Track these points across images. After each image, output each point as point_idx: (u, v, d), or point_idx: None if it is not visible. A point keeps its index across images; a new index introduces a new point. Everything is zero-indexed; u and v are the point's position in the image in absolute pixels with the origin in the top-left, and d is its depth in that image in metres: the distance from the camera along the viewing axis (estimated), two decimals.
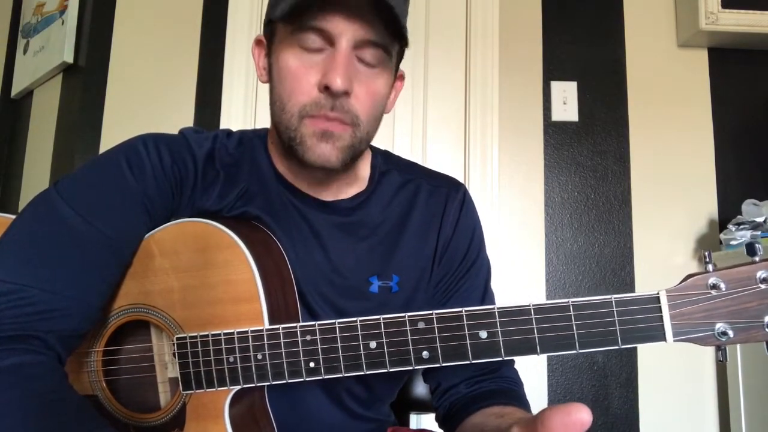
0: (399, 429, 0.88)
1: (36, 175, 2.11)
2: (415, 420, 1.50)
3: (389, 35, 0.69)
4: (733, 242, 1.69)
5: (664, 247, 1.87)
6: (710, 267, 0.58)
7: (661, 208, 1.89)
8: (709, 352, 1.82)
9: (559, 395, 1.80)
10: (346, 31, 0.67)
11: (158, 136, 0.74)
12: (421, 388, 1.10)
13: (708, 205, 1.89)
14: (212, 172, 0.75)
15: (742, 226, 1.69)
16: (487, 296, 0.85)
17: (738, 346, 1.65)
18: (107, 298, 0.68)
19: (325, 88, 0.67)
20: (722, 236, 1.74)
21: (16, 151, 2.26)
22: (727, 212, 1.84)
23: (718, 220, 1.87)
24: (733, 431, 1.66)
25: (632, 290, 1.83)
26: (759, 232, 1.66)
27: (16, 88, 2.26)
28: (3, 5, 2.44)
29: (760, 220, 1.67)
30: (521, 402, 0.77)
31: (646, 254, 1.86)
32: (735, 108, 1.93)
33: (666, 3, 1.98)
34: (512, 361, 0.83)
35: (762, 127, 1.92)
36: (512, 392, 0.79)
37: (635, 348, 1.81)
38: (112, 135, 1.87)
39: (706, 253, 0.59)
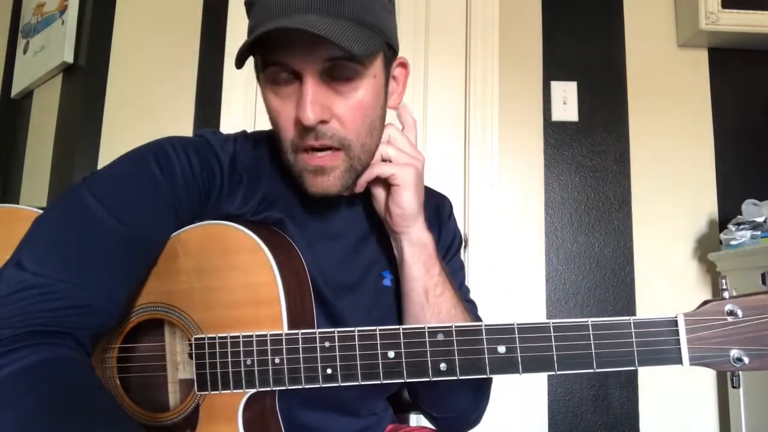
0: (399, 427, 0.88)
1: (36, 175, 2.11)
2: (415, 420, 1.50)
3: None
4: (733, 242, 1.70)
5: (664, 247, 1.87)
6: (726, 294, 0.59)
7: (661, 208, 1.89)
8: None
9: (559, 395, 1.80)
10: (307, 61, 0.66)
11: (184, 140, 0.74)
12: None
13: (708, 205, 1.90)
14: (236, 176, 0.76)
15: (742, 226, 1.69)
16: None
17: None
18: (133, 295, 0.69)
19: (300, 124, 0.68)
20: (722, 236, 1.75)
21: (16, 151, 2.26)
22: (727, 212, 1.85)
23: (718, 220, 1.88)
24: None
25: (632, 290, 1.83)
26: (759, 232, 1.67)
27: (16, 88, 2.26)
28: (3, 5, 2.44)
29: (760, 220, 1.67)
30: None
31: (646, 254, 1.86)
32: (735, 108, 1.94)
33: (666, 3, 1.98)
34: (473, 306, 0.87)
35: (762, 128, 1.92)
36: None
37: None
38: (112, 135, 1.87)
39: (724, 281, 0.60)
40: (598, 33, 1.96)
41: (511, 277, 1.83)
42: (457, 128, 1.92)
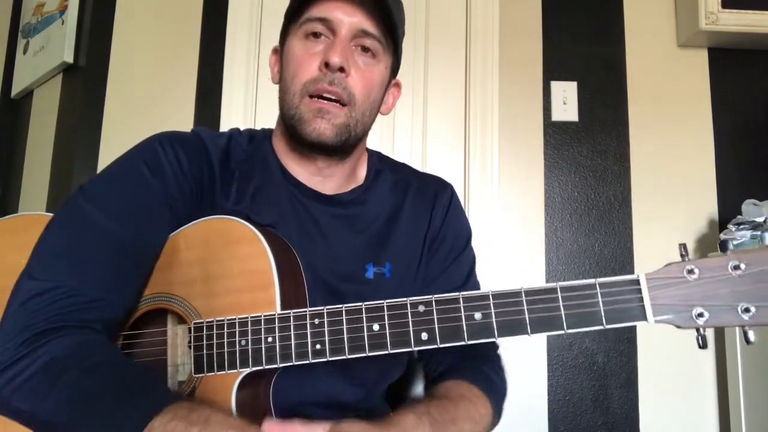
0: None
1: (36, 175, 2.11)
2: None
3: (383, 29, 0.81)
4: (734, 242, 1.69)
5: (664, 247, 1.87)
6: (687, 258, 0.63)
7: (661, 208, 1.89)
8: (709, 352, 1.82)
9: (559, 395, 1.80)
10: (346, 22, 0.78)
11: (174, 136, 0.79)
12: (421, 388, 1.10)
13: (708, 205, 1.89)
14: (228, 171, 0.81)
15: (742, 226, 1.69)
16: (468, 284, 0.92)
17: (738, 345, 1.65)
18: (141, 290, 0.73)
19: (325, 65, 0.77)
20: (722, 236, 1.74)
21: (16, 151, 2.26)
22: (727, 212, 1.84)
23: (718, 220, 1.87)
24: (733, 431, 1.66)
25: None
26: (759, 232, 1.66)
27: (16, 88, 2.26)
28: (3, 5, 2.44)
29: (760, 220, 1.67)
30: (477, 378, 0.82)
31: (646, 254, 1.86)
32: (735, 108, 1.94)
33: (666, 3, 1.98)
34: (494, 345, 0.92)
35: (762, 128, 1.92)
36: (473, 370, 0.84)
37: (635, 348, 1.81)
38: (112, 135, 1.87)
39: (682, 246, 0.63)
40: (598, 33, 1.96)
41: (511, 276, 1.83)
42: (457, 128, 1.92)
